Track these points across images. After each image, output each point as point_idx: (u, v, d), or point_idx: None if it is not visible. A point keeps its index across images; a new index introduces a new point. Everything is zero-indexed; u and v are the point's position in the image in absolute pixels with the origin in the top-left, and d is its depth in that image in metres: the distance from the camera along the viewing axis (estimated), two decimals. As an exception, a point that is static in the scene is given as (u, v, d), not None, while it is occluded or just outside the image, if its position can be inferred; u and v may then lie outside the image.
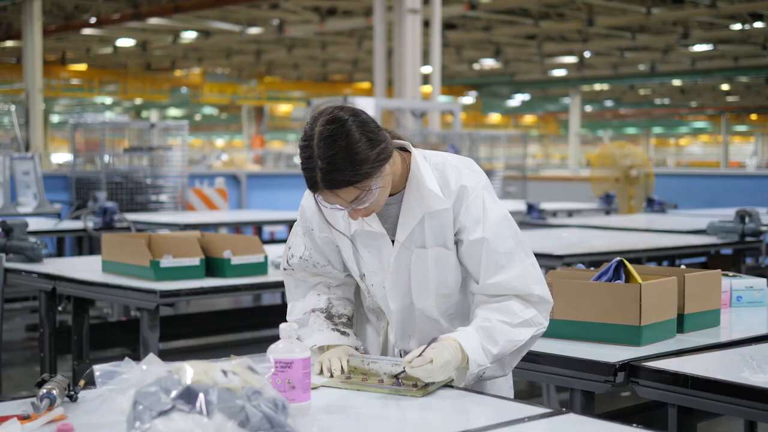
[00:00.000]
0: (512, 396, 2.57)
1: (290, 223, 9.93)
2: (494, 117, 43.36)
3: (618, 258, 2.96)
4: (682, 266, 3.59)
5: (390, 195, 2.44)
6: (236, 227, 11.08)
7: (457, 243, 2.46)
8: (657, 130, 48.96)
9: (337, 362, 2.43)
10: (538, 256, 5.58)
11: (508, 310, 2.38)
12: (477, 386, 2.46)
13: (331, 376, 2.40)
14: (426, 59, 15.29)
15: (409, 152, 2.47)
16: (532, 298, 2.41)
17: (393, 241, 2.48)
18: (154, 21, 21.70)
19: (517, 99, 40.40)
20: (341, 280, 2.63)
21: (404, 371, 2.29)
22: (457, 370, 2.33)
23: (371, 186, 2.30)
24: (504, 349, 2.36)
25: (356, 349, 2.54)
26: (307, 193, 2.52)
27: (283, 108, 35.22)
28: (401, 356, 2.53)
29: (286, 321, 2.46)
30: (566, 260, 5.16)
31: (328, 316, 2.58)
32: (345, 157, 2.26)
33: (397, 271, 2.49)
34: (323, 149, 2.26)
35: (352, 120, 2.29)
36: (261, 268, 4.60)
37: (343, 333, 2.55)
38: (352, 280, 2.64)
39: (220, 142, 51.34)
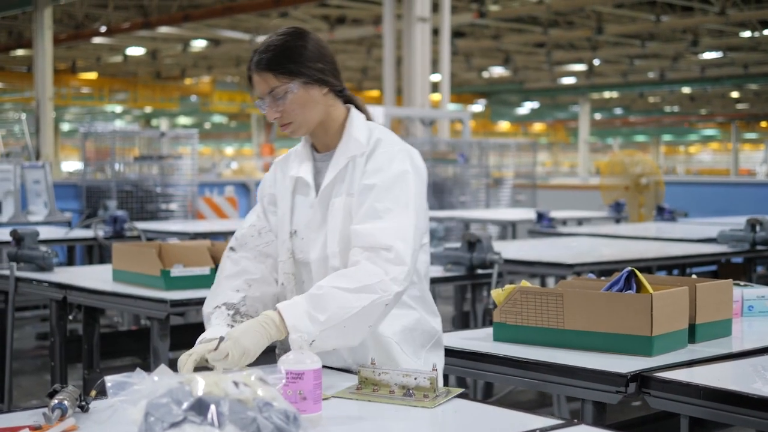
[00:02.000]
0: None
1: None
2: (503, 125, 43.39)
3: (629, 268, 2.95)
4: (693, 275, 3.58)
5: (328, 150, 2.57)
6: (246, 236, 11.07)
7: None
8: (666, 137, 48.91)
9: (185, 358, 2.33)
10: (548, 265, 5.56)
11: (350, 276, 2.34)
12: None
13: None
14: (435, 67, 15.31)
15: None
16: (389, 253, 2.35)
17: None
18: (163, 30, 21.78)
19: (527, 107, 40.43)
20: (267, 279, 2.64)
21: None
22: (290, 342, 2.29)
23: (291, 87, 2.44)
24: (335, 315, 2.29)
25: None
26: (268, 172, 2.76)
27: (293, 116, 35.22)
28: None
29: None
30: (576, 269, 5.14)
31: (235, 312, 2.57)
32: (282, 50, 2.45)
33: (319, 218, 2.54)
34: (271, 38, 2.49)
35: (315, 36, 2.51)
36: (271, 277, 4.59)
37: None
38: (274, 285, 2.65)
39: (229, 150, 51.46)
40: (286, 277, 2.60)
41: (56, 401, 2.01)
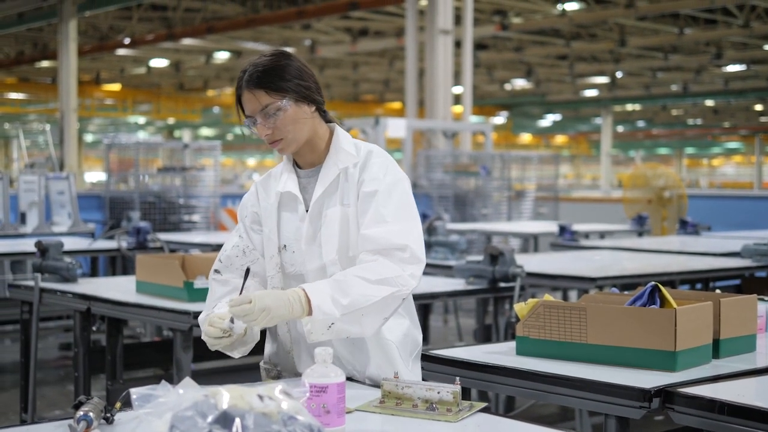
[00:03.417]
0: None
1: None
2: (525, 137, 43.32)
3: (653, 282, 2.94)
4: (717, 290, 3.57)
5: (312, 167, 2.61)
6: (268, 247, 11.08)
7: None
8: (689, 150, 48.70)
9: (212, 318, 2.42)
10: (571, 278, 5.53)
11: (370, 268, 2.42)
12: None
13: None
14: (457, 79, 15.31)
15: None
16: (404, 253, 2.44)
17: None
18: (187, 41, 21.90)
19: (549, 119, 40.37)
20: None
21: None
22: (311, 322, 2.35)
23: (283, 103, 2.48)
24: (356, 301, 2.36)
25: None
26: (248, 192, 2.77)
27: (315, 128, 35.30)
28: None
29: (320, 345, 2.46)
30: (599, 283, 5.13)
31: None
32: (273, 68, 2.50)
33: (311, 231, 2.57)
34: (259, 59, 2.54)
35: (298, 59, 2.56)
36: (293, 289, 4.59)
37: None
38: None
39: (251, 161, 51.60)
40: None
41: (82, 413, 2.02)
